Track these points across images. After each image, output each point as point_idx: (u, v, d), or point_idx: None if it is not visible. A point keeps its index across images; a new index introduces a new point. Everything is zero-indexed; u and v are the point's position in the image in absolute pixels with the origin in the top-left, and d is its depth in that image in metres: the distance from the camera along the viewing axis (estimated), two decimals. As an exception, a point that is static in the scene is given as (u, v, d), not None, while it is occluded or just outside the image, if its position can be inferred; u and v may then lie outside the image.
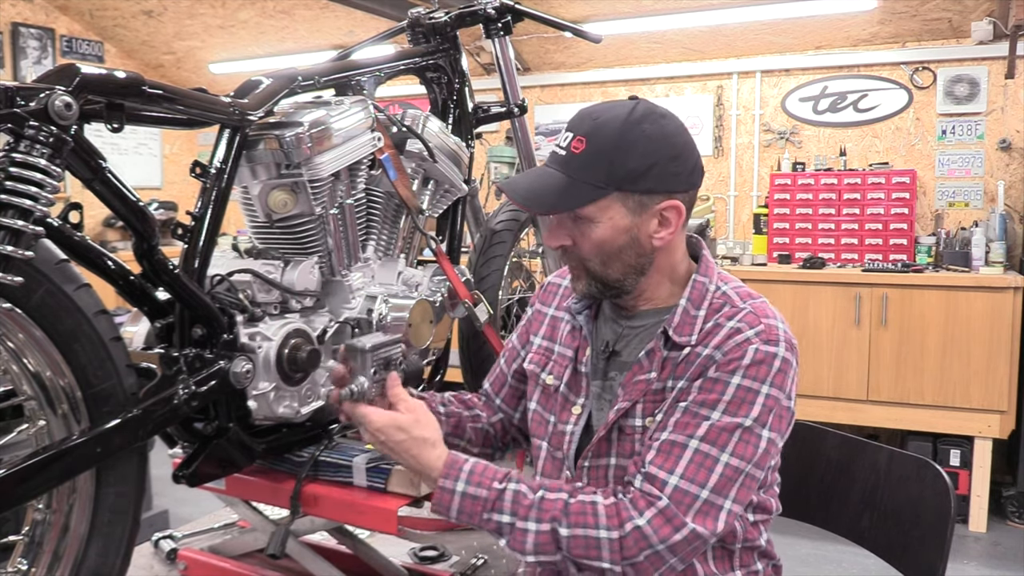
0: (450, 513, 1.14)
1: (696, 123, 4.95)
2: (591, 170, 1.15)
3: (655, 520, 1.07)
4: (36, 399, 1.14)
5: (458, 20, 1.92)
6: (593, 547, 1.08)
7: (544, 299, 1.42)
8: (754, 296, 1.22)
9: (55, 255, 1.10)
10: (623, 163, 1.14)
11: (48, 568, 1.16)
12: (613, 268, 1.20)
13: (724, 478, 1.09)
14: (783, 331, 1.16)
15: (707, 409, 1.11)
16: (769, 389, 1.12)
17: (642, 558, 1.07)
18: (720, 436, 1.10)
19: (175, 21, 5.56)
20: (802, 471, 1.57)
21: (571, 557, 1.09)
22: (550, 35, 4.82)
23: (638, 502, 1.09)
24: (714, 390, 1.12)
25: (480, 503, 1.12)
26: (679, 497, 1.08)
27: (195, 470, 1.34)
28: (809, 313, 3.95)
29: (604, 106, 1.19)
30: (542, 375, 1.33)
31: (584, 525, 1.09)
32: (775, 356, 1.13)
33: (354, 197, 1.59)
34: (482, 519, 1.12)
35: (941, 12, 4.13)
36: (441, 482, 1.14)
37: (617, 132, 1.14)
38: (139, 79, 1.18)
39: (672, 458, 1.10)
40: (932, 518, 1.35)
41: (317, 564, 1.61)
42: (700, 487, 1.08)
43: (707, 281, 1.23)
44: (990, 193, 4.26)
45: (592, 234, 1.18)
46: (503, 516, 1.12)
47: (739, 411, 1.11)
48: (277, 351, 1.39)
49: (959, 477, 3.71)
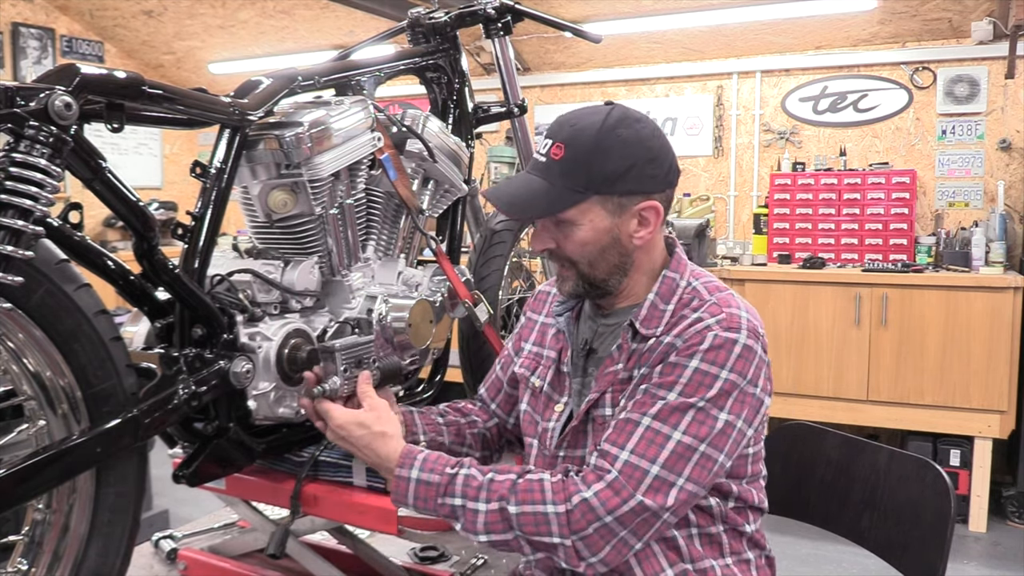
0: (407, 500, 1.18)
1: (696, 123, 4.95)
2: (571, 175, 1.19)
3: (603, 492, 1.10)
4: (36, 399, 1.14)
5: (458, 20, 1.92)
6: (543, 523, 1.11)
7: (534, 307, 1.48)
8: (722, 289, 1.25)
9: (55, 255, 1.10)
10: (601, 167, 1.18)
11: (48, 568, 1.16)
12: (599, 269, 1.25)
13: (675, 455, 1.12)
14: (746, 319, 1.18)
15: (664, 390, 1.15)
16: (728, 374, 1.14)
17: (591, 530, 1.09)
18: (672, 415, 1.13)
19: (175, 21, 5.56)
20: (802, 471, 1.58)
21: (523, 535, 1.12)
22: (550, 35, 4.83)
23: (587, 476, 1.13)
24: (672, 373, 1.15)
25: (433, 488, 1.17)
26: (629, 471, 1.11)
27: (195, 470, 1.34)
28: (809, 313, 3.96)
29: (581, 112, 1.23)
30: (531, 378, 1.39)
31: (532, 501, 1.12)
32: (735, 342, 1.15)
33: (354, 197, 1.59)
34: (436, 504, 1.17)
35: (941, 12, 4.13)
36: (397, 471, 1.19)
37: (594, 137, 1.18)
38: (139, 79, 1.18)
39: (624, 434, 1.14)
40: (932, 518, 1.35)
41: (317, 564, 1.61)
42: (650, 462, 1.11)
43: (677, 277, 1.27)
44: (990, 193, 4.26)
45: (575, 236, 1.22)
46: (455, 499, 1.16)
47: (695, 392, 1.13)
48: (277, 351, 1.39)
49: (959, 477, 3.71)
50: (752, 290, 4.05)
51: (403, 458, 1.20)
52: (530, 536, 1.12)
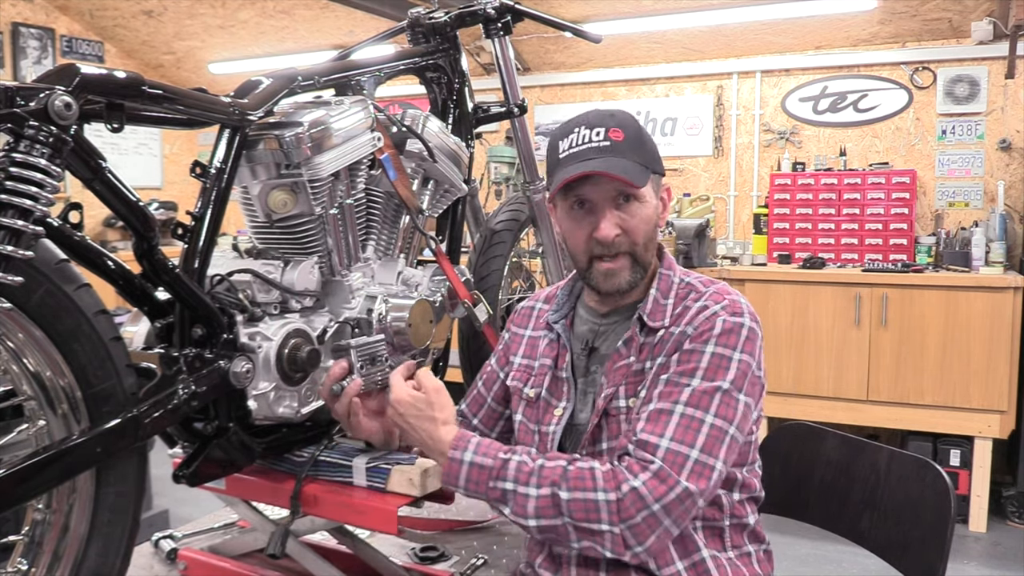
0: (459, 482, 1.21)
1: (696, 123, 4.95)
2: (638, 152, 1.26)
3: (650, 481, 1.12)
4: (36, 399, 1.14)
5: (458, 20, 1.92)
6: (592, 510, 1.12)
7: (519, 323, 1.50)
8: (715, 282, 1.32)
9: (55, 255, 1.10)
10: (649, 147, 1.29)
11: (48, 568, 1.16)
12: (650, 250, 1.31)
13: (711, 438, 1.16)
14: (746, 305, 1.26)
15: (687, 377, 1.20)
16: (740, 355, 1.20)
17: (639, 519, 1.11)
18: (702, 399, 1.17)
19: (175, 21, 5.56)
20: (802, 471, 1.58)
21: (572, 521, 1.14)
22: (550, 35, 4.83)
23: (633, 467, 1.15)
24: (691, 360, 1.21)
25: (486, 471, 1.19)
26: (671, 458, 1.14)
27: (195, 470, 1.34)
28: (809, 313, 3.96)
29: (603, 109, 1.31)
30: (525, 389, 1.41)
31: (583, 488, 1.14)
32: (742, 325, 1.22)
33: (354, 197, 1.59)
34: (488, 487, 1.19)
35: (941, 12, 4.13)
36: (451, 453, 1.22)
37: (635, 123, 1.29)
38: (139, 79, 1.18)
39: (660, 424, 1.17)
40: (932, 518, 1.35)
41: (317, 564, 1.61)
42: (690, 447, 1.14)
43: (672, 274, 1.34)
44: (990, 193, 4.26)
45: (641, 213, 1.28)
46: (507, 483, 1.18)
47: (716, 375, 1.19)
48: (277, 351, 1.39)
49: (959, 477, 3.71)
50: (752, 290, 4.05)
51: (457, 440, 1.23)
52: (579, 522, 1.13)
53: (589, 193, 1.27)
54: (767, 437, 1.65)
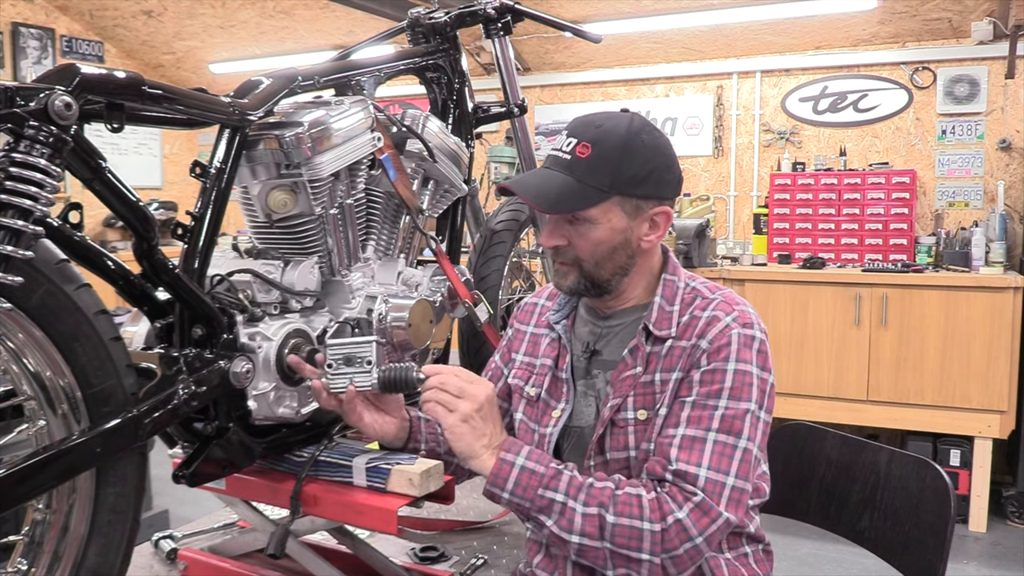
0: (507, 484, 1.17)
1: (696, 123, 4.95)
2: (597, 174, 1.21)
3: (693, 513, 1.12)
4: (36, 399, 1.14)
5: (458, 20, 1.92)
6: (635, 538, 1.12)
7: (522, 319, 1.48)
8: (721, 288, 1.30)
9: (55, 255, 1.10)
10: (627, 169, 1.22)
11: (48, 568, 1.16)
12: (605, 268, 1.27)
13: (744, 463, 1.16)
14: (754, 314, 1.25)
15: (713, 399, 1.18)
16: (759, 371, 1.20)
17: (682, 551, 1.11)
18: (734, 424, 1.17)
19: (175, 21, 5.56)
20: (802, 471, 1.58)
21: (612, 546, 1.12)
22: (550, 35, 4.83)
23: (676, 496, 1.14)
24: (715, 380, 1.19)
25: (537, 478, 1.17)
26: (711, 488, 1.13)
27: (195, 470, 1.34)
28: (809, 313, 3.96)
29: (604, 115, 1.26)
30: (525, 388, 1.39)
31: (630, 516, 1.13)
32: (753, 338, 1.21)
33: (354, 197, 1.59)
34: (536, 494, 1.16)
35: (941, 12, 4.13)
36: (502, 455, 1.19)
37: (622, 139, 1.22)
38: (139, 79, 1.18)
39: (696, 452, 1.16)
40: (932, 518, 1.36)
41: (317, 564, 1.60)
42: (726, 475, 1.15)
43: (676, 279, 1.31)
44: (990, 193, 4.26)
45: (591, 235, 1.24)
46: (557, 494, 1.15)
47: (742, 396, 1.18)
48: (277, 351, 1.39)
49: (959, 477, 3.71)
50: (752, 290, 4.06)
51: (509, 443, 1.20)
52: (618, 548, 1.12)
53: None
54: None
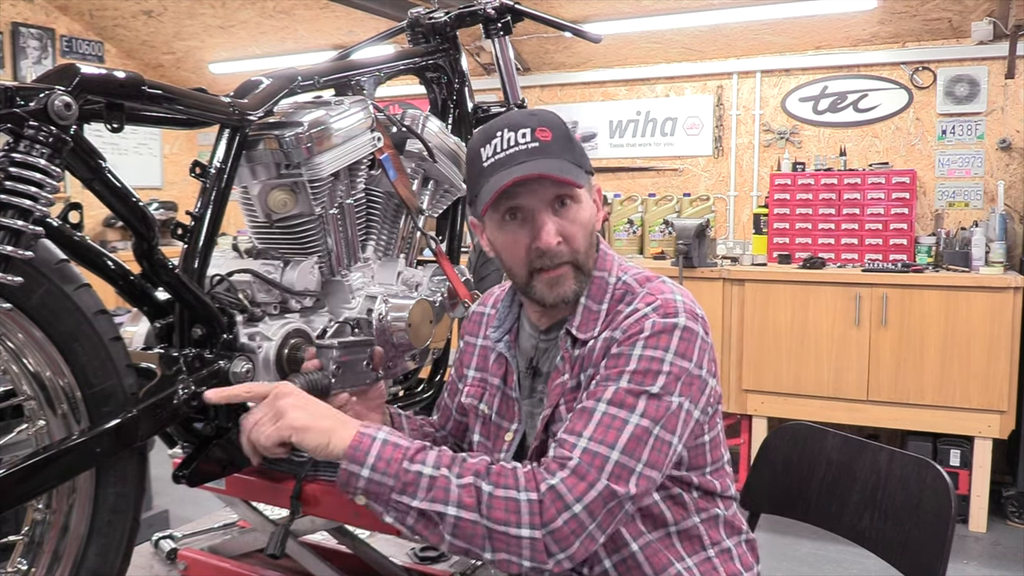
0: (367, 460, 1.08)
1: (696, 123, 4.95)
2: (569, 152, 1.19)
3: (568, 479, 1.05)
4: (36, 399, 1.14)
5: (458, 20, 1.92)
6: (513, 510, 1.04)
7: (470, 330, 1.45)
8: (653, 279, 1.23)
9: (55, 255, 1.10)
10: (579, 146, 1.21)
11: (48, 568, 1.16)
12: (590, 255, 1.23)
13: (633, 438, 1.08)
14: (682, 303, 1.16)
15: (613, 381, 1.12)
16: (673, 357, 1.12)
17: (560, 522, 1.04)
18: (627, 398, 1.10)
19: (175, 21, 5.56)
20: (802, 471, 1.58)
21: (489, 521, 1.05)
22: (550, 35, 4.83)
23: (550, 465, 1.08)
24: (618, 364, 1.13)
25: (402, 451, 1.08)
26: (589, 458, 1.07)
27: (195, 470, 1.34)
28: (809, 313, 3.96)
29: (516, 112, 1.26)
30: (480, 406, 1.36)
31: (505, 486, 1.06)
32: (675, 326, 1.13)
33: (354, 197, 1.59)
34: (401, 467, 1.07)
35: (941, 12, 4.13)
36: (362, 429, 1.10)
37: (560, 121, 1.20)
38: (139, 79, 1.18)
39: (581, 422, 1.10)
40: (932, 518, 1.35)
41: (317, 564, 1.61)
42: (610, 448, 1.07)
43: (606, 275, 1.24)
44: (990, 193, 4.26)
45: (581, 217, 1.20)
46: (425, 467, 1.07)
47: (645, 380, 1.11)
48: (277, 351, 1.39)
49: (959, 477, 3.71)
50: (752, 290, 4.06)
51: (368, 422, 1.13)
52: (496, 524, 1.04)
53: (525, 200, 1.17)
54: (767, 437, 1.65)
